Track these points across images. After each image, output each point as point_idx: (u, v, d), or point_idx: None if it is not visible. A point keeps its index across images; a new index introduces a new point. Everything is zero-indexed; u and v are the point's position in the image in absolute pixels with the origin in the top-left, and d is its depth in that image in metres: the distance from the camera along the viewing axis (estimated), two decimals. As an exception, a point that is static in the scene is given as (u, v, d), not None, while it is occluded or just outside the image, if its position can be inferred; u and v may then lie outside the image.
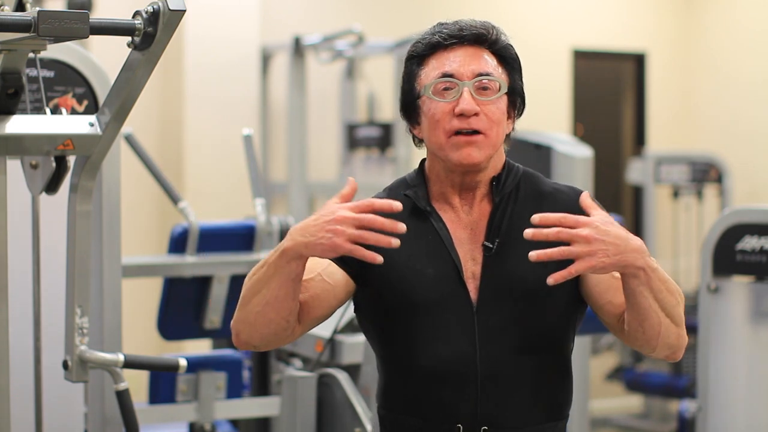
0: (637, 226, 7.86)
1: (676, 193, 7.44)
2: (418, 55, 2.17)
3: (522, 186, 2.21)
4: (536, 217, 1.95)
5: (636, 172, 7.47)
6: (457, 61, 2.13)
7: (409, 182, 2.24)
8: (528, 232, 1.94)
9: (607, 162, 7.66)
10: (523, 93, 2.21)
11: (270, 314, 2.04)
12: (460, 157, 2.12)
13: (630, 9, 8.03)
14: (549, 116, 7.45)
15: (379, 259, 1.93)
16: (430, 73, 2.15)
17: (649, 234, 7.45)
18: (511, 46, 2.19)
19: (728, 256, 3.40)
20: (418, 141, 2.22)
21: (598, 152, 4.97)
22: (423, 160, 2.26)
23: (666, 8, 8.10)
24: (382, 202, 1.97)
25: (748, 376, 3.41)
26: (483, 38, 2.15)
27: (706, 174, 7.32)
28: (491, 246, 2.14)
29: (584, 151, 4.43)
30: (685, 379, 6.70)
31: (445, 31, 2.15)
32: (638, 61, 8.08)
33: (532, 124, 3.67)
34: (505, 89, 2.14)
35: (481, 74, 2.12)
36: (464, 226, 2.17)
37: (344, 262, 2.13)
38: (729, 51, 7.84)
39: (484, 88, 2.12)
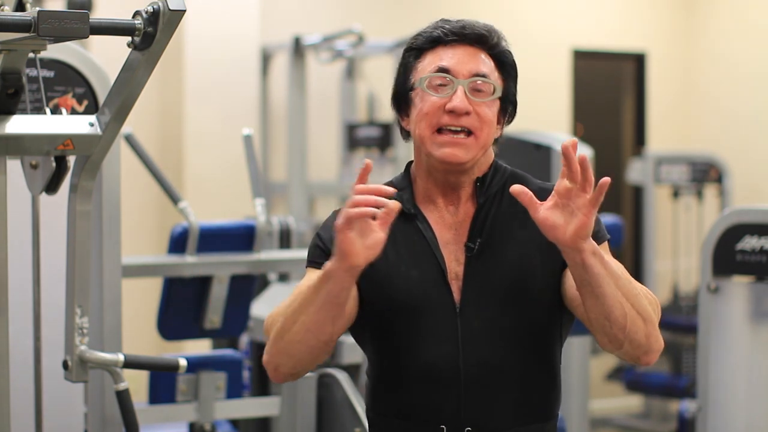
0: (637, 226, 7.87)
1: (676, 193, 7.44)
2: (417, 47, 2.17)
3: (508, 186, 2.19)
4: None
5: (636, 172, 7.47)
6: (456, 58, 2.13)
7: (396, 185, 2.22)
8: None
9: (607, 162, 7.66)
10: (516, 101, 2.20)
11: (311, 341, 2.02)
12: (444, 155, 2.11)
13: (630, 9, 8.03)
14: (549, 116, 7.45)
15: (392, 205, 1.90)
16: (426, 66, 2.14)
17: (649, 234, 7.45)
18: (511, 52, 2.18)
19: (728, 256, 3.40)
20: (405, 133, 2.21)
21: (598, 152, 4.97)
22: (409, 163, 2.25)
23: (666, 8, 8.11)
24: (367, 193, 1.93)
25: (748, 376, 3.41)
26: (484, 39, 2.14)
27: (706, 174, 7.32)
28: (473, 246, 2.13)
29: (584, 151, 4.43)
30: (685, 379, 6.70)
31: (447, 27, 2.15)
32: (638, 61, 8.08)
33: (532, 124, 3.67)
34: (499, 93, 2.14)
35: (477, 74, 2.12)
36: (449, 227, 2.17)
37: None
38: (729, 51, 7.84)
39: (479, 90, 2.12)
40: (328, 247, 2.14)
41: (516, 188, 1.94)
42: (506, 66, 2.17)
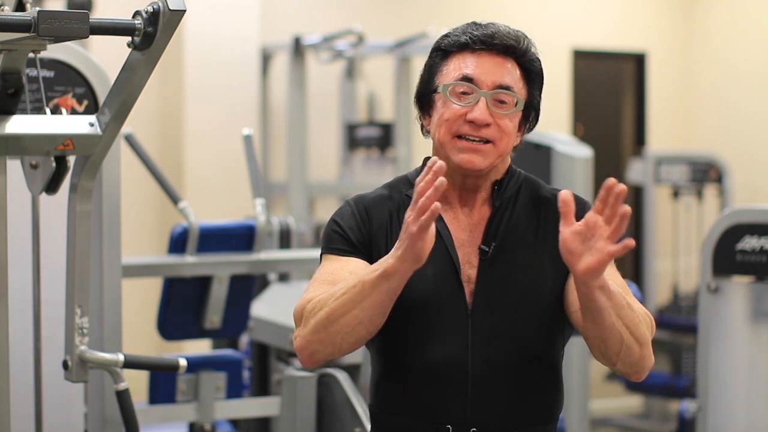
0: (637, 226, 7.86)
1: (676, 193, 7.44)
2: (444, 49, 2.16)
3: (522, 191, 2.20)
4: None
5: (636, 172, 7.47)
6: (481, 67, 2.12)
7: (411, 180, 2.22)
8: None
9: (607, 162, 7.66)
10: (539, 108, 2.19)
11: (362, 332, 2.02)
12: (462, 161, 2.11)
13: (630, 9, 8.03)
14: (549, 116, 7.41)
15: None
16: (451, 72, 2.13)
17: (649, 234, 7.45)
18: (539, 60, 2.17)
19: (728, 256, 3.40)
20: (426, 131, 2.21)
21: (598, 152, 4.98)
22: (426, 158, 2.25)
23: (666, 8, 8.11)
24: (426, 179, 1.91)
25: (748, 376, 3.41)
26: (512, 49, 2.13)
27: (706, 174, 7.32)
28: (487, 250, 2.14)
29: (584, 151, 4.44)
30: (685, 379, 6.70)
31: (476, 33, 2.13)
32: (638, 61, 8.08)
33: (532, 124, 3.68)
34: (521, 106, 2.13)
35: (501, 86, 2.11)
36: (463, 228, 2.17)
37: (364, 254, 2.14)
38: (729, 51, 7.84)
39: (501, 101, 2.11)
40: (348, 234, 2.15)
41: (563, 195, 1.90)
42: (532, 74, 2.16)
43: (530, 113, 2.18)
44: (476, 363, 2.10)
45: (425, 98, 2.18)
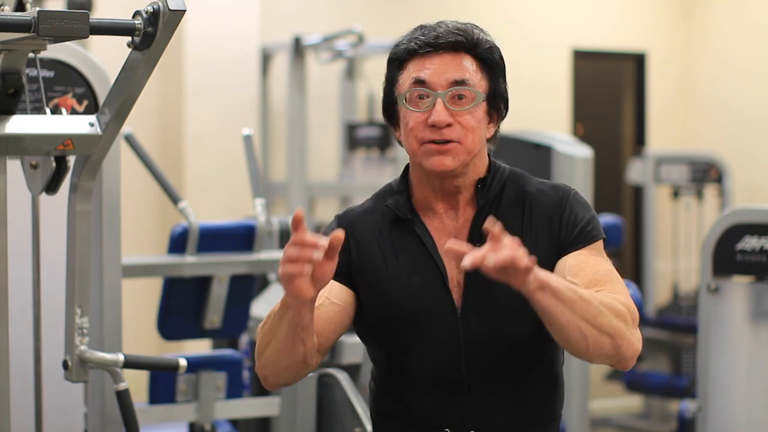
0: (637, 226, 7.87)
1: (676, 193, 7.44)
2: (398, 59, 2.15)
3: (507, 188, 2.17)
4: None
5: (636, 172, 7.47)
6: (432, 69, 2.09)
7: (394, 188, 2.21)
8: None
9: (607, 162, 7.66)
10: (506, 95, 2.16)
11: (285, 361, 2.04)
12: (432, 164, 2.09)
13: (630, 9, 8.03)
14: (549, 116, 7.45)
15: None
16: (406, 80, 2.12)
17: (649, 234, 7.45)
18: (495, 48, 2.14)
19: (728, 256, 3.40)
20: (399, 142, 2.20)
21: (598, 152, 4.97)
22: (407, 165, 2.23)
23: (666, 8, 8.11)
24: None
25: (748, 376, 3.41)
26: (460, 45, 2.10)
27: (706, 174, 7.32)
28: None
29: (584, 151, 4.44)
30: (685, 379, 6.70)
31: (421, 38, 2.11)
32: (638, 61, 8.08)
33: (532, 124, 3.68)
34: (481, 99, 2.10)
35: (456, 82, 2.08)
36: (448, 233, 2.15)
37: (341, 276, 2.13)
38: (729, 51, 7.84)
39: (460, 97, 2.09)
40: None
41: (487, 225, 1.90)
42: (490, 63, 2.13)
43: (498, 102, 2.14)
44: (470, 367, 2.10)
45: (390, 110, 2.17)
